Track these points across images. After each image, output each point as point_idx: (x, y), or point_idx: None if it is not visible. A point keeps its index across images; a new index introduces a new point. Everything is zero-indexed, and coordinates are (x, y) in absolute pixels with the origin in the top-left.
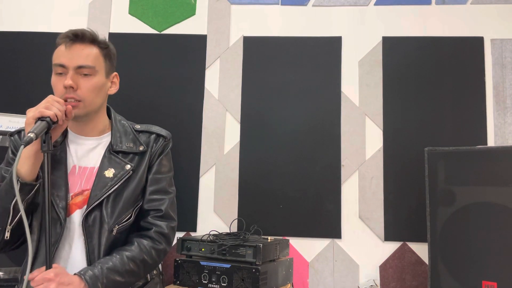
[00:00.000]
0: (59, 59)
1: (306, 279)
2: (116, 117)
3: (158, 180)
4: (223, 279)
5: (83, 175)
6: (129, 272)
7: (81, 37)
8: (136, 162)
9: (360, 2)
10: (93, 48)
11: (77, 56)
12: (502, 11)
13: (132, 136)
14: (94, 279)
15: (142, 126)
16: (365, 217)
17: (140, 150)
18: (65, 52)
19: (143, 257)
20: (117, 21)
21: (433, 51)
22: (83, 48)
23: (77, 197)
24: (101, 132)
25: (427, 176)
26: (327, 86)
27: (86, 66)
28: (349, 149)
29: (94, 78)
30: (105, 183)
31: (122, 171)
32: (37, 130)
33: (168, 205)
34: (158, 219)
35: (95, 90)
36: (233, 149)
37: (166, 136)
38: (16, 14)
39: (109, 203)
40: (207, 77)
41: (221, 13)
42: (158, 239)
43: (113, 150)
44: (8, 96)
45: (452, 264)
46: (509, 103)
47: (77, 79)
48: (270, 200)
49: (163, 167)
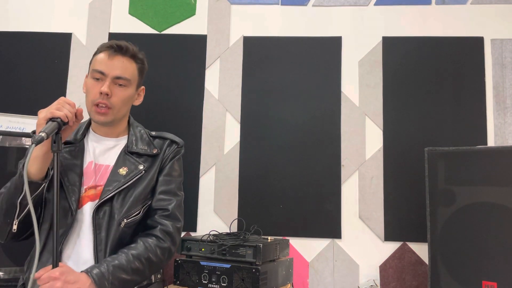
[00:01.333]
0: (100, 66)
1: (306, 279)
2: (134, 123)
3: (168, 182)
4: (223, 279)
5: (98, 171)
6: (134, 270)
7: (125, 50)
8: (149, 164)
9: (360, 2)
10: (132, 63)
11: (117, 67)
12: (502, 11)
13: (147, 140)
14: (100, 276)
15: (157, 133)
16: (365, 217)
17: (154, 153)
18: (107, 61)
19: (148, 255)
20: (117, 21)
21: (433, 51)
22: (123, 61)
23: (90, 190)
24: (119, 134)
25: (427, 176)
26: (327, 86)
27: (124, 78)
28: (349, 149)
29: (127, 89)
30: (118, 180)
31: (135, 171)
32: (48, 130)
33: (175, 206)
34: (164, 218)
35: (125, 101)
36: (233, 149)
37: (179, 142)
38: (16, 14)
39: (120, 199)
40: (207, 77)
41: (221, 13)
42: (163, 237)
43: (128, 151)
44: (8, 96)
45: (452, 264)
46: (509, 103)
47: (112, 88)
48: (270, 200)
49: (174, 171)
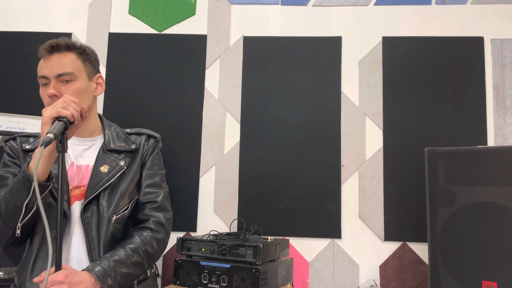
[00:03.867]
0: (41, 71)
1: (306, 279)
2: (108, 123)
3: (152, 175)
4: (223, 279)
5: (79, 172)
6: (134, 263)
7: (57, 46)
8: (129, 159)
9: (360, 2)
10: (69, 55)
11: (56, 65)
12: (502, 11)
13: (123, 137)
14: (103, 272)
15: (132, 130)
16: (365, 217)
17: (132, 148)
18: (45, 63)
19: (145, 247)
20: (117, 21)
21: (433, 51)
22: (60, 57)
23: (75, 190)
24: (92, 133)
25: (427, 176)
26: (327, 86)
27: (65, 74)
28: (349, 149)
29: (76, 83)
30: (101, 178)
31: (117, 167)
32: (56, 131)
33: (163, 197)
34: (154, 210)
35: (78, 94)
36: (233, 149)
37: (156, 136)
38: (16, 14)
39: (105, 196)
40: (207, 77)
41: (221, 13)
42: (156, 228)
43: (107, 149)
44: (8, 96)
45: (452, 264)
46: (509, 103)
47: (59, 87)
48: (270, 200)
49: (155, 165)
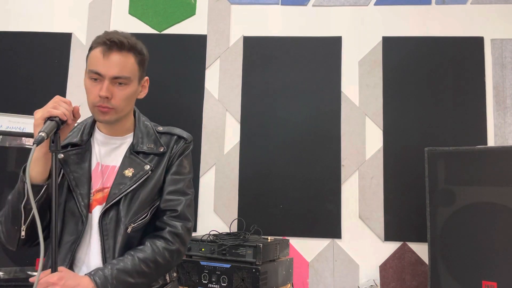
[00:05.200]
0: (96, 66)
1: (306, 279)
2: (140, 118)
3: (177, 181)
4: (223, 279)
5: (105, 172)
6: (140, 273)
7: (120, 45)
8: (155, 163)
9: (360, 2)
10: (129, 57)
11: (114, 66)
12: (502, 11)
13: (154, 137)
14: (103, 280)
15: (164, 128)
16: (365, 217)
17: (160, 151)
18: (103, 60)
19: (155, 258)
20: (117, 21)
21: (433, 51)
22: (120, 58)
23: (98, 193)
24: (126, 131)
25: (427, 176)
26: (327, 86)
27: (123, 77)
28: (349, 149)
29: (129, 87)
30: (124, 182)
31: (141, 171)
32: (47, 130)
33: (185, 206)
34: (173, 219)
35: (128, 99)
36: (233, 149)
37: (187, 138)
38: (16, 14)
39: (126, 202)
40: (207, 77)
41: (221, 13)
42: (171, 239)
43: (134, 151)
44: (8, 96)
45: (452, 264)
46: (509, 103)
47: (112, 89)
48: (270, 200)
49: (182, 168)
